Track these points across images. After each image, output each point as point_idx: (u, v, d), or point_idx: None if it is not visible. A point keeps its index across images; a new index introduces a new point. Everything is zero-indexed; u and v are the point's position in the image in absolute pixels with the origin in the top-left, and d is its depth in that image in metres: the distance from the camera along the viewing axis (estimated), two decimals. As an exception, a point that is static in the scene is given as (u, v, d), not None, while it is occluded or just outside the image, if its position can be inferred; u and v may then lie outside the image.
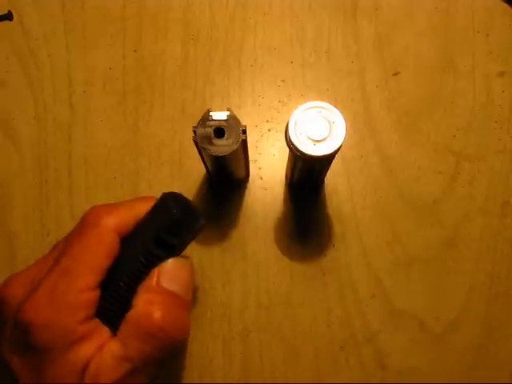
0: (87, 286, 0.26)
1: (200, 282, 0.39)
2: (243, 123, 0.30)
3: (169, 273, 0.28)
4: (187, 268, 0.29)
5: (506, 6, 0.43)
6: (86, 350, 0.26)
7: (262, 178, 0.41)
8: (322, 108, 0.30)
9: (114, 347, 0.26)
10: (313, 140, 0.29)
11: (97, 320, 0.27)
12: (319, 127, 0.30)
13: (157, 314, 0.27)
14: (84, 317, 0.26)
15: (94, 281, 0.26)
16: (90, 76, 0.42)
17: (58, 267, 0.27)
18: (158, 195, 0.40)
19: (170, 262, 0.28)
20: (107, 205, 0.29)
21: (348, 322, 0.38)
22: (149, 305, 0.27)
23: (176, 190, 0.40)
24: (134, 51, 0.43)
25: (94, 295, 0.26)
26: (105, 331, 0.27)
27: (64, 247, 0.28)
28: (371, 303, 0.39)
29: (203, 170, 0.40)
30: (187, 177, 0.41)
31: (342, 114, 0.30)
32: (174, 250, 0.29)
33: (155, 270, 0.28)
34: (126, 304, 0.27)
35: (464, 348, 0.39)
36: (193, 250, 0.39)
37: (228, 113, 0.30)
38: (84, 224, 0.28)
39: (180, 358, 0.38)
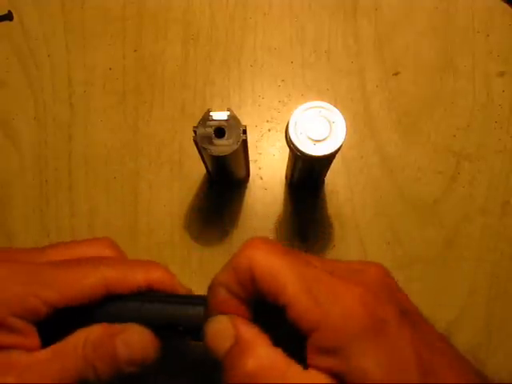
0: (45, 301, 0.26)
1: (200, 281, 0.39)
2: (243, 123, 0.30)
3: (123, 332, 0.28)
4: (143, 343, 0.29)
5: (506, 5, 0.43)
6: (6, 338, 0.26)
7: (262, 178, 0.41)
8: (322, 108, 0.30)
9: (41, 355, 0.27)
10: (313, 140, 0.29)
11: (33, 328, 0.27)
12: (319, 127, 0.30)
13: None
14: (19, 314, 0.26)
15: (54, 300, 0.26)
16: (90, 76, 0.42)
17: (50, 263, 0.28)
18: (158, 195, 0.40)
19: None
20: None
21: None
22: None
23: (176, 190, 0.40)
24: (134, 51, 0.43)
25: (44, 311, 0.26)
26: (35, 339, 0.27)
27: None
28: (371, 303, 0.39)
29: (203, 170, 0.40)
30: (187, 177, 0.41)
31: (342, 114, 0.30)
32: None
33: None
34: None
35: (464, 348, 0.38)
36: (193, 249, 0.39)
37: (228, 113, 0.30)
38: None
39: (180, 358, 0.38)
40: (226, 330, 0.28)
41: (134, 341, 0.28)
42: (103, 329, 0.28)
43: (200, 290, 0.39)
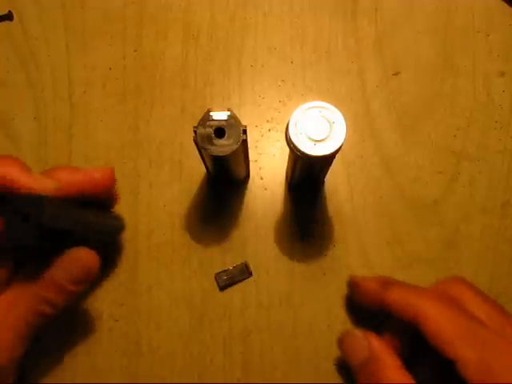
0: None
1: (200, 281, 0.39)
2: (243, 123, 0.30)
3: (60, 262, 0.31)
4: (80, 263, 0.31)
5: (506, 5, 0.43)
6: None
7: (262, 178, 0.41)
8: (323, 108, 0.30)
9: None
10: (313, 140, 0.29)
11: None
12: (319, 127, 0.30)
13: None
14: None
15: None
16: (90, 76, 0.42)
17: None
18: (158, 195, 0.40)
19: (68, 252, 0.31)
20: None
21: (348, 322, 0.38)
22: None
23: (176, 190, 0.40)
24: (134, 51, 0.43)
25: None
26: None
27: None
28: (371, 303, 0.39)
29: (203, 170, 0.40)
30: (187, 177, 0.41)
31: (342, 114, 0.30)
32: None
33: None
34: None
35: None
36: (193, 249, 0.39)
37: (228, 113, 0.30)
38: None
39: (180, 358, 0.38)
40: (362, 344, 0.33)
41: (74, 266, 0.31)
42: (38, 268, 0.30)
43: (200, 290, 0.39)
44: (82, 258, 0.31)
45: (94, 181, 0.33)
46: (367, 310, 0.35)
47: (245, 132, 0.30)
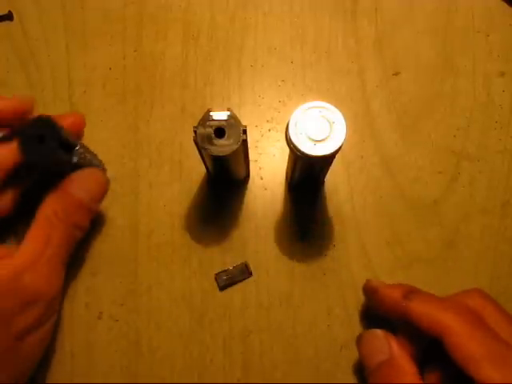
0: None
1: (200, 281, 0.39)
2: (243, 123, 0.30)
3: (77, 180, 0.33)
4: (95, 178, 0.35)
5: (506, 5, 0.43)
6: None
7: (262, 178, 0.41)
8: (323, 108, 0.30)
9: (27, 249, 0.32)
10: (313, 140, 0.29)
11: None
12: (319, 127, 0.30)
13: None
14: None
15: None
16: (90, 76, 0.42)
17: None
18: (158, 195, 0.40)
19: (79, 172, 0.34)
20: None
21: (348, 322, 0.38)
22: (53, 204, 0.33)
23: (176, 190, 0.40)
24: (134, 51, 0.43)
25: None
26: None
27: None
28: (371, 303, 0.39)
29: (203, 170, 0.40)
30: (187, 177, 0.41)
31: (342, 114, 0.30)
32: None
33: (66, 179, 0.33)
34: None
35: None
36: (193, 249, 0.39)
37: (228, 113, 0.30)
38: None
39: (180, 358, 0.38)
40: (382, 346, 0.33)
41: (90, 182, 0.34)
42: (59, 193, 0.33)
43: (200, 290, 0.39)
44: (94, 173, 0.34)
45: (70, 125, 0.35)
46: (382, 316, 0.35)
47: (245, 132, 0.30)
